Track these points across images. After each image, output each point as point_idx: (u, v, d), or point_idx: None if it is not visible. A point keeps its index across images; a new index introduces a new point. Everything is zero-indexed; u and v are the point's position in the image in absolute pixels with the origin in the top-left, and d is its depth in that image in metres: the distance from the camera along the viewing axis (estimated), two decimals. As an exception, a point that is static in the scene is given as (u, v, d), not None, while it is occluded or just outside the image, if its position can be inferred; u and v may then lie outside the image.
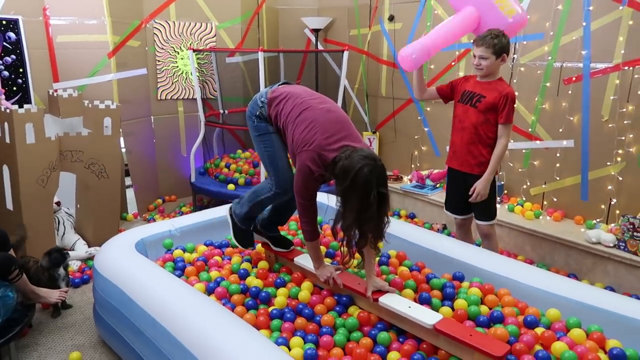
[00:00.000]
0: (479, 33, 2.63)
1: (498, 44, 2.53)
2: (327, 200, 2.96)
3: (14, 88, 3.56)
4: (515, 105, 2.60)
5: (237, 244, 2.46)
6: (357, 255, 2.07)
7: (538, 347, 1.80)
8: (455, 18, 2.71)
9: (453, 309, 2.04)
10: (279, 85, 2.25)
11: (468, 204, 2.80)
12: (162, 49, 4.40)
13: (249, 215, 2.39)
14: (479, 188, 2.64)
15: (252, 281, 2.27)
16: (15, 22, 3.51)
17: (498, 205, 3.67)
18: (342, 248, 2.00)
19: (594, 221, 3.26)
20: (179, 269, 2.46)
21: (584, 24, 3.18)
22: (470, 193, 2.67)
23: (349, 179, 1.79)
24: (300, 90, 2.18)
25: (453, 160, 2.81)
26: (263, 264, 2.41)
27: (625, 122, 3.06)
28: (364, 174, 1.78)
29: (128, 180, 4.40)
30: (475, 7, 2.66)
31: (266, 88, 2.26)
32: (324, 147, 1.93)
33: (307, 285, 2.22)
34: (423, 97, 2.88)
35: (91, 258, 3.28)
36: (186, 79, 4.55)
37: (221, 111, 4.61)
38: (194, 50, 4.19)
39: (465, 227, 2.94)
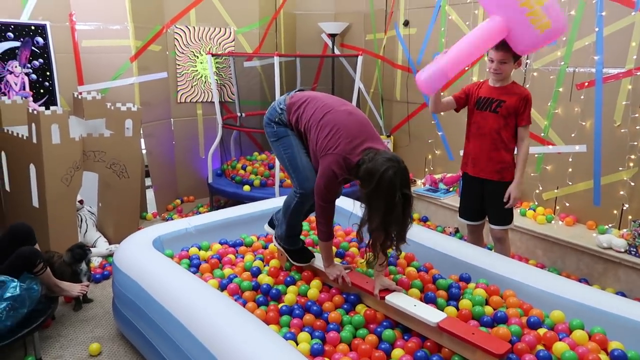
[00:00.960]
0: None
1: None
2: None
3: (42, 90, 3.72)
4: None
5: (297, 264, 2.41)
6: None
7: (540, 347, 1.84)
8: (479, 32, 2.34)
9: (458, 309, 2.08)
10: (295, 91, 2.29)
11: (483, 210, 2.83)
12: (182, 53, 4.53)
13: (291, 232, 2.35)
14: (515, 193, 2.65)
15: (264, 278, 2.34)
16: (43, 27, 3.67)
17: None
18: (367, 251, 2.00)
19: (606, 226, 3.25)
20: (194, 266, 2.55)
21: (597, 29, 3.19)
22: (505, 200, 2.67)
23: (374, 181, 1.82)
24: (318, 94, 2.22)
25: (470, 167, 2.79)
26: (275, 263, 2.48)
27: (637, 127, 3.06)
28: (388, 176, 1.80)
29: (148, 181, 4.54)
30: (505, 17, 2.27)
31: (284, 95, 2.29)
32: (348, 151, 1.96)
33: (316, 283, 2.29)
34: (438, 110, 2.83)
35: (111, 255, 3.40)
36: (205, 82, 4.67)
37: (238, 114, 4.72)
38: (213, 55, 4.30)
39: (477, 232, 2.96)
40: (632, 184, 3.14)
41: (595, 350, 1.80)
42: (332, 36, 5.03)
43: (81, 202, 3.57)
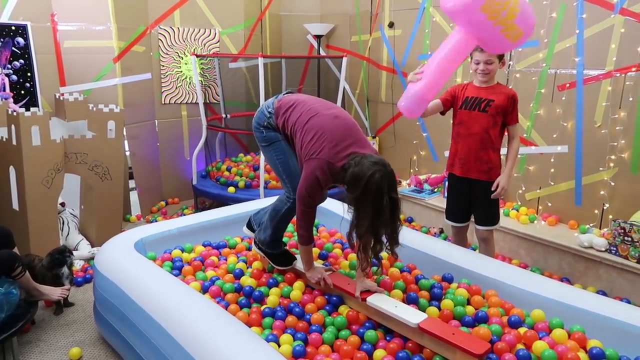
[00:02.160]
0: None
1: None
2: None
3: (22, 92, 3.67)
4: None
5: (280, 267, 2.39)
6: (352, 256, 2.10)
7: (520, 346, 1.85)
8: (450, 49, 2.17)
9: (440, 309, 2.09)
10: (284, 94, 2.26)
11: (469, 211, 2.85)
12: (167, 54, 4.50)
13: (275, 237, 2.34)
14: (503, 182, 2.66)
15: (246, 280, 2.33)
16: (24, 27, 3.62)
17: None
18: (359, 255, 1.99)
19: (587, 226, 3.29)
20: (177, 269, 2.53)
21: (577, 31, 3.23)
22: (493, 189, 2.67)
23: (361, 186, 1.80)
24: (306, 98, 2.19)
25: (458, 168, 2.79)
26: (257, 265, 2.47)
27: (617, 128, 3.11)
28: (375, 180, 1.79)
29: (132, 183, 4.49)
30: (477, 34, 2.13)
31: (272, 98, 2.27)
32: (332, 156, 1.93)
33: (298, 284, 2.29)
34: (425, 115, 2.77)
35: (94, 258, 3.36)
36: (190, 83, 4.64)
37: (223, 115, 4.70)
38: (197, 56, 4.28)
39: (462, 233, 2.97)
40: (612, 184, 3.18)
41: (574, 349, 1.82)
42: (318, 37, 5.03)
43: (63, 204, 3.52)
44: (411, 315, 1.89)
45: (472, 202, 2.80)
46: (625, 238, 2.86)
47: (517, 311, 2.08)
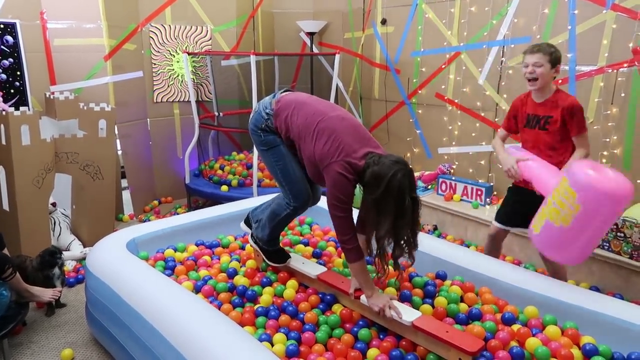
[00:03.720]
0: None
1: (554, 53, 2.35)
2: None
3: (12, 91, 3.62)
4: (583, 113, 2.36)
5: (274, 264, 2.37)
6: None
7: (513, 343, 1.85)
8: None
9: (433, 307, 2.09)
10: (281, 93, 2.19)
11: (524, 215, 2.51)
12: (158, 52, 4.47)
13: (273, 236, 2.31)
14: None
15: (239, 280, 2.32)
16: (13, 25, 3.58)
17: (487, 207, 3.74)
18: (375, 260, 1.96)
19: (581, 222, 3.30)
20: (169, 268, 2.51)
21: (569, 27, 3.23)
22: None
23: (383, 185, 1.76)
24: (307, 99, 2.12)
25: (524, 182, 2.51)
26: (251, 263, 2.46)
27: (609, 124, 3.11)
28: (397, 179, 1.75)
29: (125, 182, 4.46)
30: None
31: (268, 98, 2.19)
32: (351, 155, 1.89)
33: (292, 283, 2.28)
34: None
35: (86, 258, 3.34)
36: (182, 81, 4.61)
37: (216, 114, 4.67)
38: (189, 54, 4.25)
39: (503, 237, 2.75)
40: (605, 180, 3.18)
41: (567, 345, 1.82)
42: (311, 35, 5.02)
43: (54, 204, 3.49)
44: (405, 313, 1.88)
45: (537, 205, 2.38)
46: (618, 234, 2.87)
47: (510, 308, 2.08)
